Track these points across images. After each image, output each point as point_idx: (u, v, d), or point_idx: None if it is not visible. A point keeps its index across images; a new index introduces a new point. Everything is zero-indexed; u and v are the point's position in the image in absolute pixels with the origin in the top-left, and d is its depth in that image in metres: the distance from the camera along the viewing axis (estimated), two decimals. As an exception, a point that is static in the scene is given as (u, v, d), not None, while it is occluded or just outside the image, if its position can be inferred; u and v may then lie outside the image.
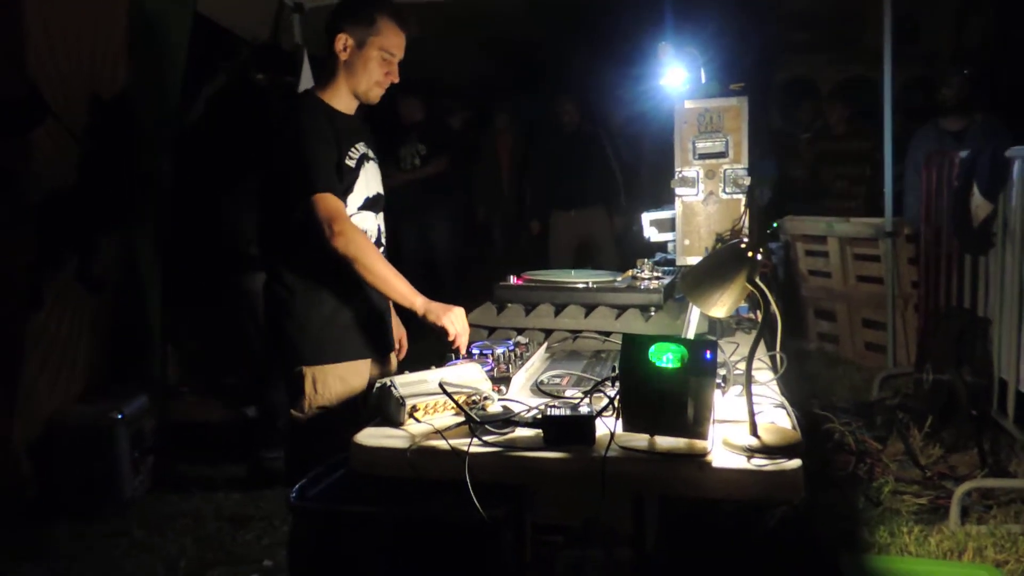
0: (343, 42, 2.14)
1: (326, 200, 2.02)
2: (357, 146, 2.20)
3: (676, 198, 3.05)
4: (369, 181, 2.23)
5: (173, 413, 3.92)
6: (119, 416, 3.31)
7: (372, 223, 2.25)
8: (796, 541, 2.34)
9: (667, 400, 1.41)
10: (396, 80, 2.21)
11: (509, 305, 2.37)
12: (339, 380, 2.15)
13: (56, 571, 2.86)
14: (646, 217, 3.41)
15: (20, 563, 2.89)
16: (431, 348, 2.14)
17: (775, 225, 5.50)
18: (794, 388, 1.90)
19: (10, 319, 3.11)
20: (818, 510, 2.93)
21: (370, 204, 2.23)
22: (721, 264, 1.55)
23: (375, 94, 2.21)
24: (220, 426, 4.00)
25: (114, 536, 3.09)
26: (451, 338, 2.04)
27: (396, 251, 5.94)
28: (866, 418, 3.93)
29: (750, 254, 1.49)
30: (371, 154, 2.27)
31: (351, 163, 2.17)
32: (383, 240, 2.31)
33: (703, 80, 3.11)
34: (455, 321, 2.04)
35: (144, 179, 3.66)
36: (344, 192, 2.13)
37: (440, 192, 5.94)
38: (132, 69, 3.59)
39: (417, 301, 2.07)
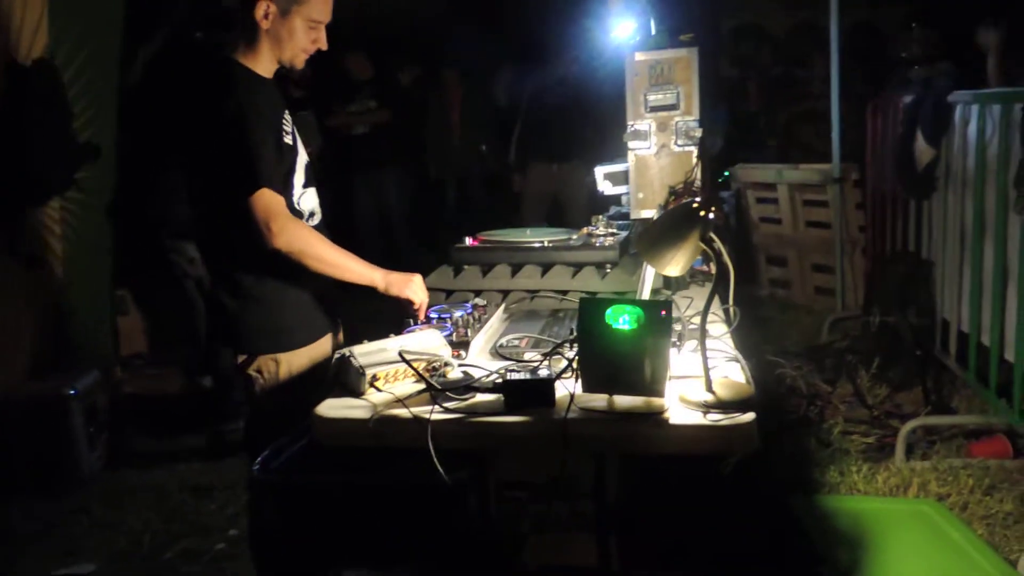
0: (264, 8, 1.97)
1: (264, 198, 1.88)
2: (286, 117, 2.06)
3: (628, 151, 3.05)
4: (302, 153, 2.12)
5: (128, 386, 3.86)
6: (72, 392, 3.25)
7: (314, 199, 2.15)
8: (750, 486, 2.42)
9: (624, 361, 1.43)
10: (324, 47, 2.06)
11: (466, 267, 2.37)
12: (307, 359, 2.08)
13: (14, 552, 2.82)
14: (599, 170, 3.41)
15: (-24, 544, 2.85)
16: (385, 308, 2.12)
17: (726, 174, 5.56)
18: (747, 334, 1.94)
19: None
20: (771, 454, 3.03)
21: (308, 178, 2.12)
22: (674, 224, 1.56)
23: (300, 60, 2.06)
24: (176, 398, 3.95)
25: (73, 513, 3.05)
26: (416, 307, 2.01)
27: (348, 213, 5.91)
28: (816, 361, 4.05)
29: (703, 213, 1.50)
30: (292, 121, 2.12)
31: (288, 139, 2.04)
32: (321, 213, 2.18)
33: (652, 31, 3.10)
34: (417, 291, 2.01)
35: (87, 148, 3.51)
36: (288, 173, 2.02)
37: (391, 151, 5.85)
38: (57, 36, 3.41)
39: (376, 276, 2.01)
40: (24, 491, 3.14)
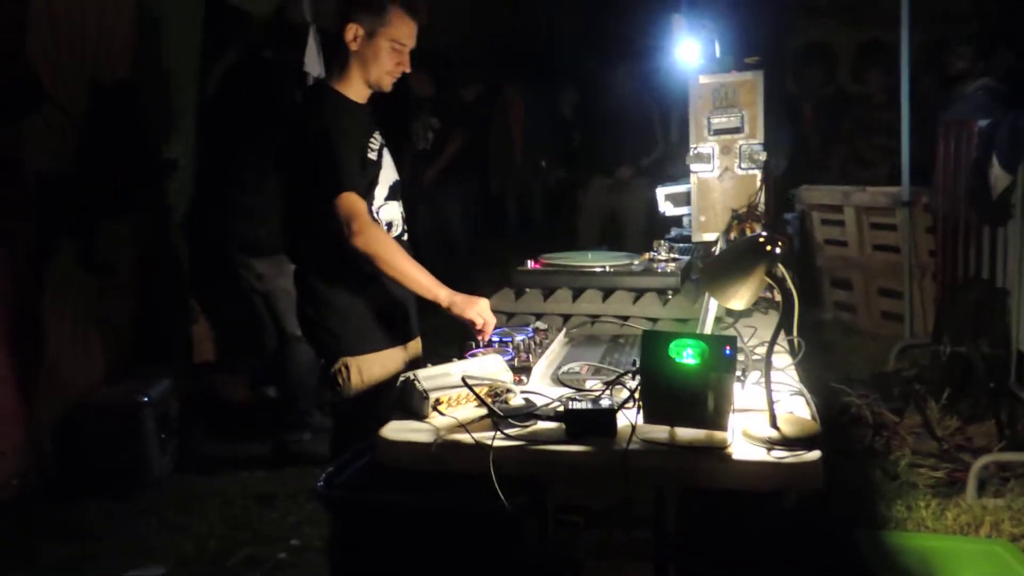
0: (353, 32, 2.13)
1: (347, 200, 2.04)
2: (375, 136, 2.22)
3: (691, 174, 3.04)
4: (389, 170, 2.26)
5: (196, 393, 3.98)
6: (145, 398, 3.38)
7: (396, 212, 2.27)
8: (813, 519, 2.37)
9: (687, 395, 1.43)
10: (408, 70, 2.21)
11: (527, 290, 2.39)
12: (380, 367, 2.19)
13: (88, 550, 2.94)
14: (661, 191, 3.41)
15: (52, 543, 2.97)
16: (445, 324, 2.17)
17: (791, 195, 5.47)
18: (810, 359, 1.91)
19: (19, 305, 3.15)
20: (835, 485, 2.95)
21: (393, 192, 2.26)
22: (740, 257, 1.55)
23: (387, 83, 2.21)
24: (242, 406, 4.07)
25: (143, 516, 3.17)
26: (479, 329, 2.05)
27: (410, 229, 6.00)
28: (883, 390, 3.94)
29: (769, 247, 1.49)
30: (384, 142, 2.28)
31: (373, 155, 2.18)
32: (406, 227, 2.33)
33: (717, 54, 3.08)
34: (481, 313, 2.06)
35: (164, 164, 3.66)
36: (370, 186, 2.15)
37: (453, 167, 5.93)
38: (142, 54, 3.57)
39: (441, 294, 2.09)
40: (99, 493, 3.27)
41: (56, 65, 3.20)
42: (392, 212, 2.25)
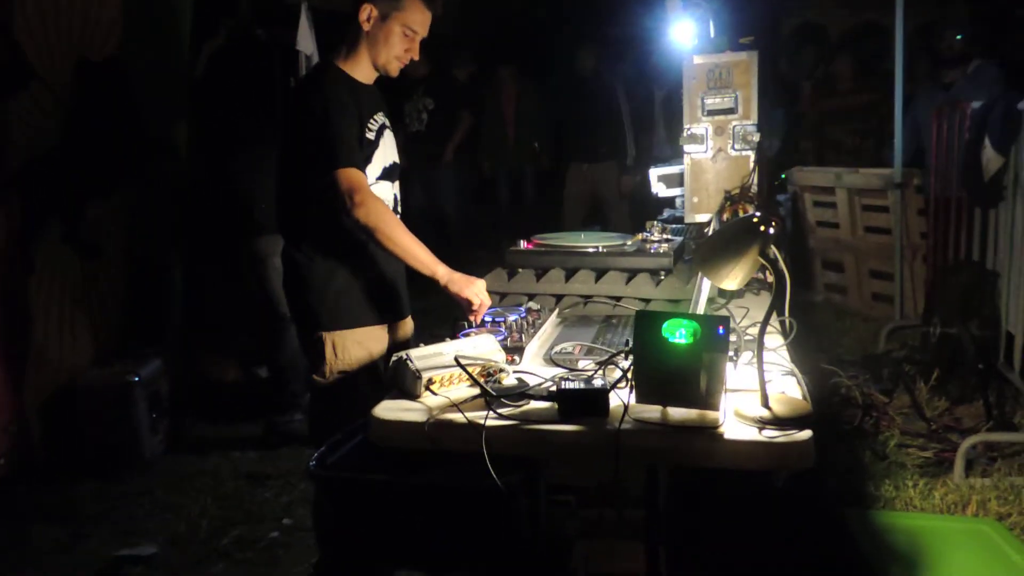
0: (367, 12, 2.13)
1: (348, 173, 2.04)
2: (376, 117, 2.22)
3: (685, 155, 3.03)
4: (386, 151, 2.25)
5: (187, 373, 3.98)
6: (135, 378, 3.37)
7: (389, 192, 2.27)
8: (803, 499, 2.39)
9: (680, 375, 1.43)
10: (416, 57, 2.22)
11: (520, 270, 2.39)
12: (358, 345, 2.19)
13: (81, 531, 2.94)
14: (654, 172, 3.39)
15: (43, 524, 2.97)
16: (437, 304, 2.17)
17: (783, 176, 5.47)
18: (801, 341, 1.92)
19: (5, 286, 3.13)
20: (825, 465, 2.98)
21: (387, 174, 2.25)
22: (733, 238, 1.55)
23: (394, 67, 2.21)
24: (233, 386, 4.06)
25: (136, 496, 3.17)
26: (474, 309, 2.05)
27: (404, 207, 5.98)
28: (873, 371, 3.97)
29: (762, 228, 1.49)
30: (387, 123, 2.28)
31: (371, 135, 2.18)
32: (399, 208, 2.33)
33: (712, 34, 3.07)
34: (478, 293, 2.06)
35: (153, 143, 3.63)
36: (364, 163, 2.14)
37: (438, 142, 5.91)
38: (129, 32, 3.53)
39: (439, 270, 2.09)
40: (90, 473, 3.27)
41: (43, 43, 3.15)
42: (383, 192, 2.23)
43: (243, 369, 4.17)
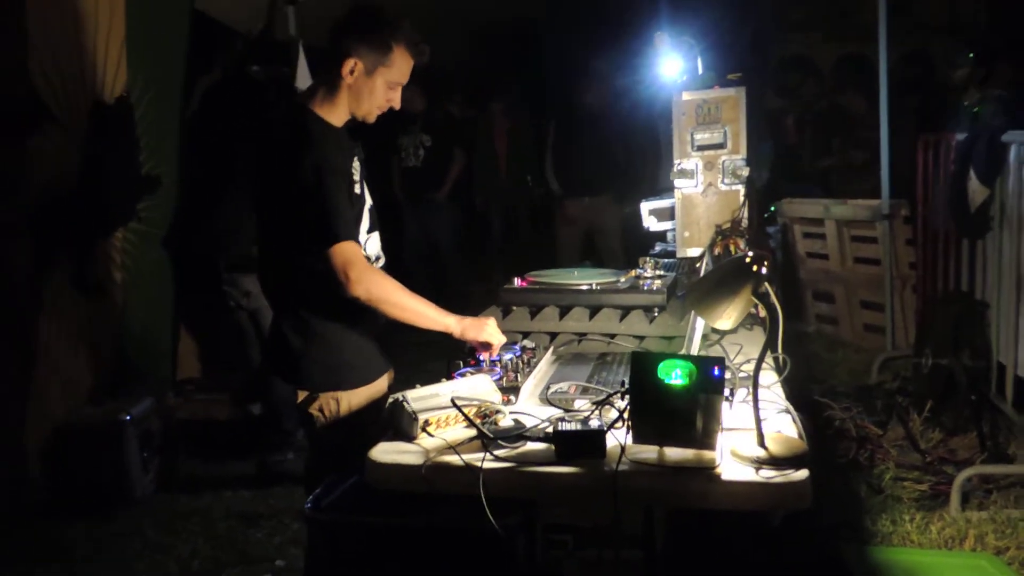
0: (351, 66, 2.02)
1: (343, 248, 1.93)
2: (355, 165, 2.12)
3: (675, 189, 3.07)
4: (368, 199, 2.18)
5: (179, 411, 3.95)
6: (127, 417, 3.34)
7: (377, 242, 2.21)
8: (800, 535, 2.38)
9: (676, 415, 1.44)
10: (397, 106, 2.13)
11: (514, 308, 2.39)
12: (366, 398, 2.13)
13: (71, 572, 2.90)
14: (645, 206, 3.42)
15: (35, 564, 2.93)
16: (430, 340, 2.14)
17: (772, 209, 5.52)
18: (794, 372, 1.92)
19: (14, 325, 3.13)
20: (821, 500, 2.97)
21: (373, 222, 2.19)
22: (726, 278, 1.57)
23: (373, 116, 2.12)
24: (226, 424, 4.03)
25: (126, 536, 3.13)
26: (494, 348, 2.02)
27: (398, 241, 6.01)
28: (866, 402, 3.97)
29: (755, 268, 1.50)
30: (363, 168, 2.18)
31: (358, 189, 2.10)
32: (381, 254, 2.26)
33: (700, 71, 3.11)
34: (493, 334, 2.03)
35: (149, 180, 3.65)
36: (356, 220, 2.07)
37: (441, 183, 5.95)
38: (131, 72, 3.57)
39: (450, 322, 2.03)
40: (81, 512, 3.23)
41: (57, 86, 3.21)
42: (375, 245, 2.19)
43: (236, 406, 4.14)
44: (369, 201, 2.19)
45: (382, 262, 2.22)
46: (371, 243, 2.17)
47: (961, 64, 4.63)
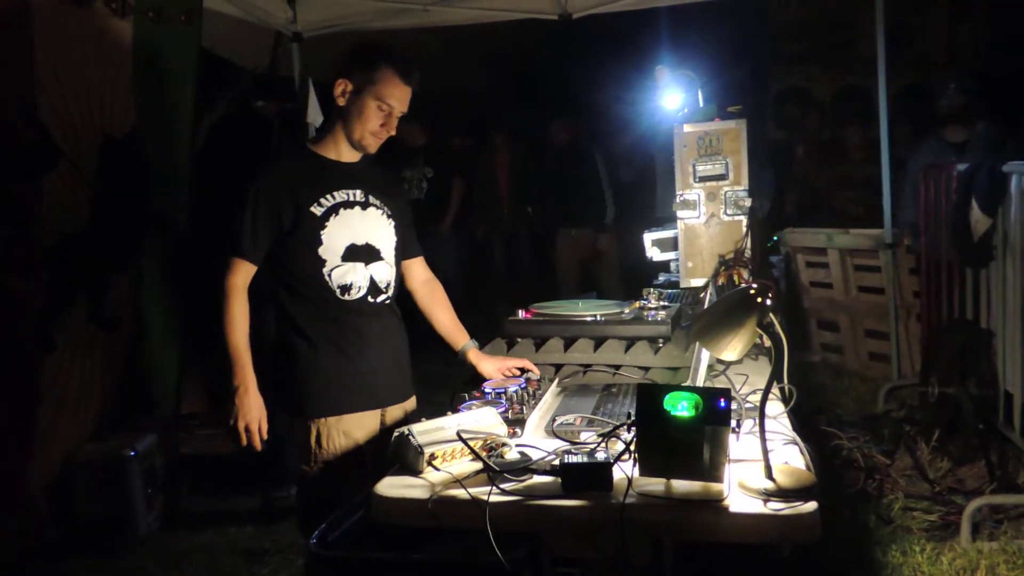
0: (342, 87, 2.12)
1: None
2: (335, 193, 2.16)
3: (678, 220, 3.09)
4: (356, 229, 2.19)
5: (184, 446, 3.93)
6: (132, 453, 3.33)
7: (362, 274, 2.20)
8: (811, 568, 2.36)
9: (683, 447, 1.43)
10: (393, 133, 2.18)
11: (519, 340, 2.40)
12: (342, 434, 2.16)
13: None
14: (648, 236, 3.44)
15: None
16: (435, 370, 2.18)
17: (775, 239, 5.54)
18: (800, 402, 1.92)
19: (25, 363, 3.13)
20: (830, 530, 2.94)
21: (356, 254, 2.19)
22: (730, 310, 1.57)
23: (369, 143, 2.17)
24: (230, 459, 4.00)
25: (131, 573, 3.10)
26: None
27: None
28: (873, 431, 3.95)
29: (759, 299, 1.51)
30: (370, 199, 2.22)
31: (316, 210, 2.13)
32: (383, 289, 2.25)
33: (701, 103, 3.15)
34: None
35: (158, 217, 3.68)
36: (310, 243, 2.13)
37: (437, 210, 6.00)
38: (140, 109, 3.61)
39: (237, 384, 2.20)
40: (85, 550, 3.20)
41: (67, 123, 3.24)
42: (351, 275, 2.18)
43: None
44: (361, 236, 2.20)
45: (360, 293, 2.21)
46: (343, 271, 2.17)
47: (946, 96, 4.69)
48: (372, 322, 2.23)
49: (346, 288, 2.20)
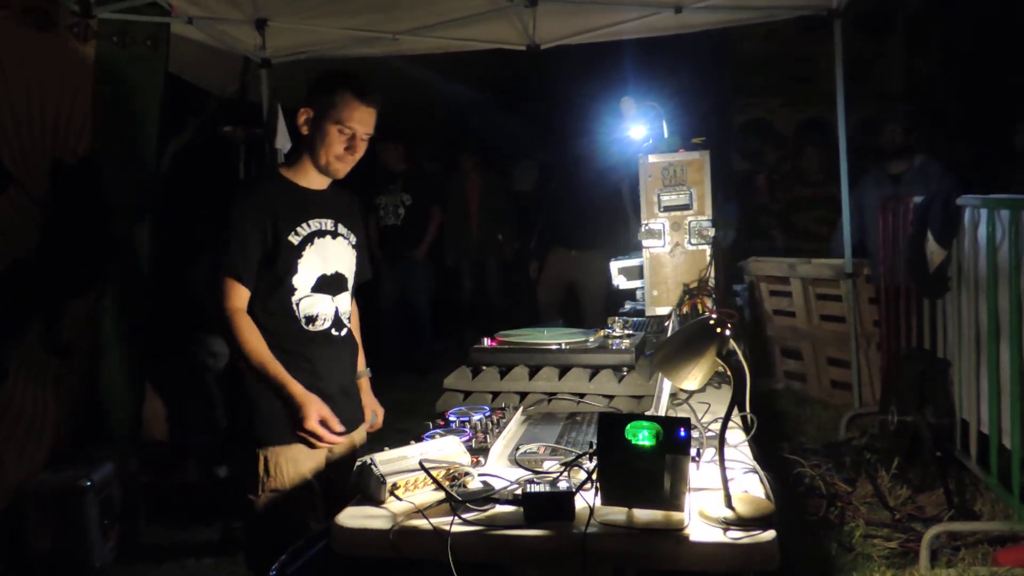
0: (305, 116, 2.14)
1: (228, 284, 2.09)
2: (310, 222, 2.17)
3: (644, 249, 3.13)
4: (327, 258, 2.20)
5: (143, 475, 3.85)
6: (88, 483, 3.25)
7: (329, 306, 2.21)
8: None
9: (644, 476, 1.45)
10: (359, 156, 2.19)
11: (484, 368, 2.40)
12: (291, 462, 2.13)
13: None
14: (614, 265, 3.48)
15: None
16: (404, 398, 2.16)
17: (739, 266, 5.62)
18: (763, 429, 1.94)
19: None
20: (792, 558, 2.96)
21: (325, 284, 2.20)
22: (691, 340, 1.59)
23: (336, 168, 2.18)
24: (191, 488, 3.93)
25: (83, 608, 3.02)
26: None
27: (373, 294, 6.02)
28: (835, 459, 4.00)
29: (719, 330, 1.54)
30: (339, 228, 2.24)
31: (294, 239, 2.14)
32: (345, 322, 2.28)
33: (665, 134, 3.21)
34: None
35: (116, 243, 3.63)
36: (284, 272, 2.13)
37: (419, 241, 6.01)
38: (101, 134, 3.57)
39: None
40: (37, 583, 3.11)
41: (17, 149, 3.18)
42: (318, 305, 2.19)
43: (201, 470, 4.05)
44: (331, 266, 2.22)
45: (325, 324, 2.22)
46: (311, 302, 2.18)
47: (886, 131, 4.87)
48: (327, 352, 2.23)
49: (312, 319, 2.19)
